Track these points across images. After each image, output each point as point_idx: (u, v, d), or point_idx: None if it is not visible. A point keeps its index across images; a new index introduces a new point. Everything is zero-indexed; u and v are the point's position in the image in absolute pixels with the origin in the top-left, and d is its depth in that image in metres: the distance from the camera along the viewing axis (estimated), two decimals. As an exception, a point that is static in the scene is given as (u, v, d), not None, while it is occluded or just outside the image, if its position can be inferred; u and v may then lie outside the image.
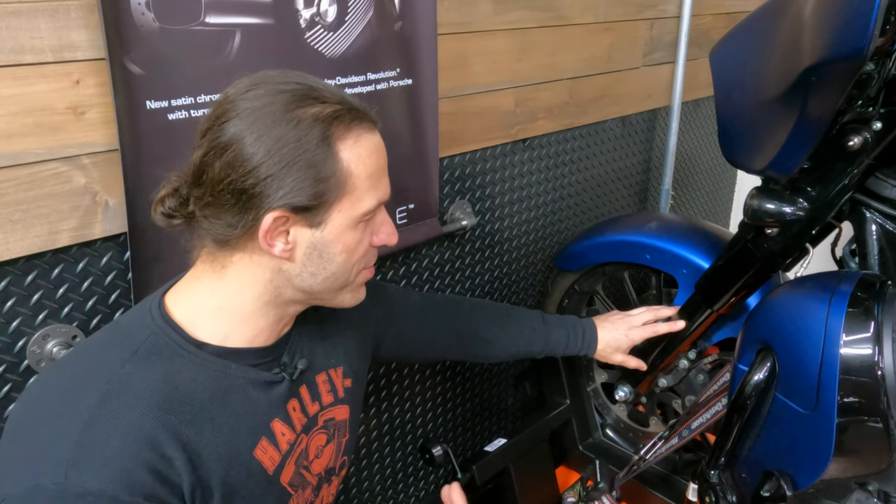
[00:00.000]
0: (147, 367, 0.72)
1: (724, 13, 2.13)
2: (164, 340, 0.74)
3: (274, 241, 0.74)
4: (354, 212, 0.75)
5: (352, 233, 0.77)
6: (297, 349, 0.86)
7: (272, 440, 0.81)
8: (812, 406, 0.91)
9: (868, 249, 1.04)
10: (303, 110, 0.71)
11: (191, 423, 0.72)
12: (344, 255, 0.77)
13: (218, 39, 0.98)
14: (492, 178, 1.55)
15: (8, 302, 0.91)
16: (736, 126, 1.08)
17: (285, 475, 0.83)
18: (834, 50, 0.81)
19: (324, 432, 0.90)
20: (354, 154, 0.73)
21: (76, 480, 0.63)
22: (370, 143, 0.76)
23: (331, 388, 0.91)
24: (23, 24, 0.84)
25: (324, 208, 0.73)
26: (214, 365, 0.76)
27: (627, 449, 1.63)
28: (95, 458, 0.65)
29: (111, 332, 0.79)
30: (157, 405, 0.70)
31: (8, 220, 0.88)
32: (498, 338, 1.24)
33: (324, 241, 0.75)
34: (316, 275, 0.77)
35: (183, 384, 0.73)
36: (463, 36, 1.37)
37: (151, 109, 0.93)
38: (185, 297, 0.78)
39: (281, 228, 0.73)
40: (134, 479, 0.65)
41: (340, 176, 0.72)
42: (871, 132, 0.95)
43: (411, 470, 1.61)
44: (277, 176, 0.70)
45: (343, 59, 1.14)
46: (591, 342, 1.28)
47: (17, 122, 0.86)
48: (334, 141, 0.72)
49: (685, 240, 1.37)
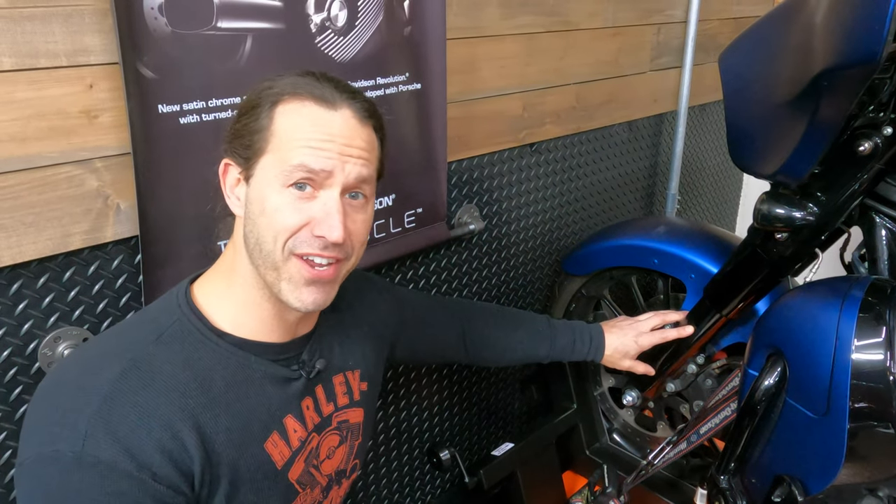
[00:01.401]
0: (170, 350, 0.74)
1: (731, 18, 2.14)
2: (188, 327, 0.76)
3: (231, 194, 0.79)
4: (275, 169, 0.74)
5: (273, 195, 0.74)
6: (318, 349, 0.87)
7: (283, 435, 0.82)
8: (823, 411, 0.91)
9: (878, 254, 1.04)
10: (284, 79, 0.76)
11: (207, 408, 0.74)
12: (263, 219, 0.74)
13: (230, 44, 0.98)
14: (499, 182, 1.55)
15: (20, 304, 0.91)
16: (745, 131, 1.08)
17: (294, 472, 0.84)
18: (847, 55, 0.81)
19: (336, 433, 0.91)
20: (290, 118, 0.75)
21: (92, 450, 0.66)
22: (317, 116, 0.75)
23: (347, 390, 0.92)
24: (37, 28, 0.84)
25: (252, 161, 0.75)
26: (235, 356, 0.78)
27: (635, 454, 1.62)
28: (111, 431, 0.67)
29: (140, 315, 0.81)
30: (176, 388, 0.72)
31: (21, 223, 0.88)
32: (503, 341, 1.24)
33: (249, 198, 0.76)
34: (248, 238, 0.77)
35: (203, 371, 0.75)
36: (471, 41, 1.37)
37: (163, 113, 0.94)
38: (207, 283, 0.81)
39: (232, 180, 0.79)
40: (145, 457, 0.68)
41: (269, 132, 0.75)
42: (882, 137, 0.95)
43: (418, 474, 1.61)
44: (237, 129, 0.77)
45: (353, 63, 1.14)
46: (598, 347, 1.27)
47: (32, 125, 0.86)
48: (280, 103, 0.75)
49: (693, 244, 1.37)
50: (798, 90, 0.91)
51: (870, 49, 0.77)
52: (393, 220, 1.30)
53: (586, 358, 1.28)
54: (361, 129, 0.77)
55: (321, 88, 0.76)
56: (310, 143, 0.74)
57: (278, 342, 0.82)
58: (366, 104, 0.78)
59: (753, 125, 1.06)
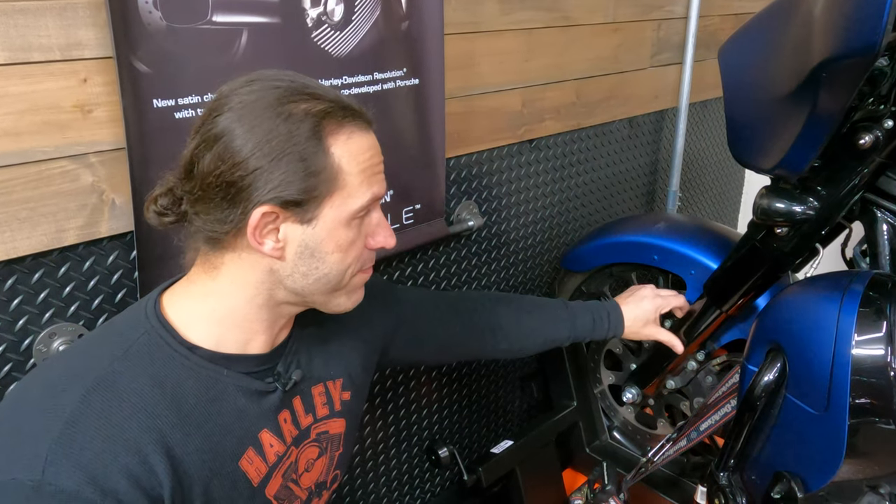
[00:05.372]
0: (136, 367, 0.70)
1: (732, 14, 2.13)
2: (156, 341, 0.73)
3: (263, 239, 0.72)
4: (346, 208, 0.74)
5: (344, 231, 0.75)
6: (294, 359, 0.84)
7: (259, 451, 0.79)
8: (823, 407, 0.90)
9: (879, 249, 1.03)
10: (294, 105, 0.70)
11: (177, 427, 0.70)
12: (337, 255, 0.75)
13: (225, 38, 0.98)
14: (498, 178, 1.55)
15: (15, 300, 0.91)
16: (745, 125, 1.07)
17: (271, 488, 0.81)
18: (846, 45, 0.80)
19: (316, 445, 0.88)
20: (346, 150, 0.72)
21: (52, 479, 0.62)
22: (363, 141, 0.75)
23: (327, 400, 0.89)
24: (31, 22, 0.84)
25: (314, 204, 0.72)
26: (205, 370, 0.74)
27: (635, 451, 1.62)
28: (73, 457, 0.63)
29: (106, 329, 0.77)
30: (144, 408, 0.68)
31: (15, 218, 0.88)
32: (523, 326, 1.20)
33: (315, 239, 0.74)
34: (308, 275, 0.75)
35: (171, 387, 0.71)
36: (470, 36, 1.37)
37: (158, 108, 0.93)
38: (180, 298, 0.77)
39: (271, 226, 0.72)
40: (111, 484, 0.64)
41: (331, 171, 0.71)
42: (883, 130, 0.94)
43: (417, 472, 1.60)
44: (266, 169, 0.69)
45: (350, 58, 1.13)
46: (617, 322, 1.25)
47: (25, 120, 0.86)
48: (325, 136, 0.71)
49: (693, 240, 1.36)
50: (797, 82, 0.91)
51: (868, 39, 0.76)
52: (391, 216, 1.30)
53: (607, 335, 1.25)
54: None
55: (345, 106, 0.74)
56: (372, 174, 0.76)
57: (254, 353, 0.79)
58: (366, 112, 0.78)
59: (753, 119, 1.05)
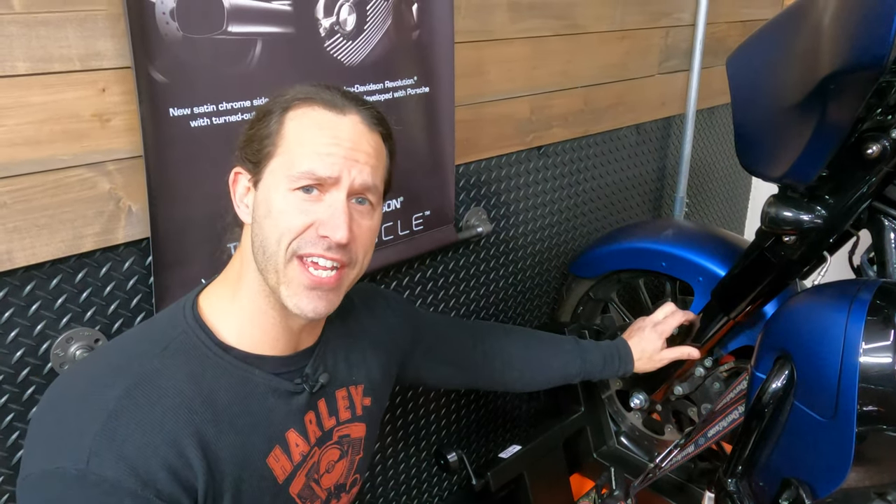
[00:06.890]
0: (175, 364, 0.74)
1: (739, 21, 2.13)
2: (193, 340, 0.76)
3: (241, 203, 0.80)
4: (280, 173, 0.75)
5: (279, 197, 0.74)
6: (321, 363, 0.87)
7: (285, 449, 0.81)
8: (831, 414, 0.91)
9: (887, 257, 1.04)
10: (295, 88, 0.78)
11: (212, 423, 0.73)
12: (269, 221, 0.75)
13: (240, 48, 0.99)
14: (507, 185, 1.56)
15: (33, 305, 0.93)
16: (753, 134, 1.08)
17: (295, 486, 0.83)
18: (853, 58, 0.81)
19: (337, 447, 0.90)
20: (298, 122, 0.76)
21: (96, 468, 0.65)
22: (323, 119, 0.76)
23: (349, 404, 0.91)
24: (51, 33, 0.86)
25: (262, 165, 0.77)
26: (239, 369, 0.77)
27: (642, 457, 1.62)
28: (116, 449, 0.66)
29: (147, 326, 0.81)
30: (182, 403, 0.72)
31: (34, 225, 0.90)
32: (533, 358, 1.22)
33: (257, 201, 0.77)
34: (254, 242, 0.77)
35: (207, 385, 0.74)
36: (479, 44, 1.38)
37: (174, 117, 0.95)
38: (213, 295, 0.81)
39: (242, 189, 0.80)
40: (150, 476, 0.67)
41: (278, 136, 0.76)
42: (891, 140, 0.94)
43: (426, 476, 1.61)
44: (248, 136, 0.78)
45: (362, 67, 1.15)
46: (626, 358, 1.27)
47: (45, 129, 0.88)
48: (290, 109, 0.77)
49: (701, 247, 1.37)
50: (805, 93, 0.91)
51: (876, 53, 0.77)
52: (401, 222, 1.31)
53: (618, 372, 1.27)
54: (369, 134, 0.78)
55: (331, 94, 0.77)
56: (317, 149, 0.74)
57: (282, 355, 0.81)
58: (374, 112, 0.79)
59: (761, 128, 1.06)
